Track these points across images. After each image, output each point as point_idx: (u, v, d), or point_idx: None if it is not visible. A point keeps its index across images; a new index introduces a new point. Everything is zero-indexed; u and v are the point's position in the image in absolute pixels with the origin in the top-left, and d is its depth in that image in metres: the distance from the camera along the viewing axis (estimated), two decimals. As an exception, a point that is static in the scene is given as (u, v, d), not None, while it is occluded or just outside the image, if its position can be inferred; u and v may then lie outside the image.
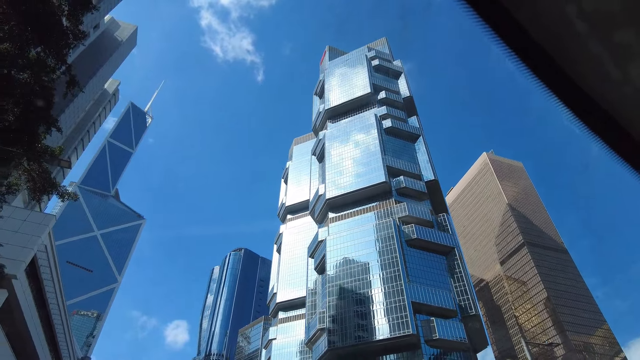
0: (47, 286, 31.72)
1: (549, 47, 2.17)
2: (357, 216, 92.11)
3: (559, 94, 2.33)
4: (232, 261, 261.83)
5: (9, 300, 27.24)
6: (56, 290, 33.34)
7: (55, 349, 39.76)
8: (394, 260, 76.50)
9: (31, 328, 30.97)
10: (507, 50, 2.26)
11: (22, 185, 14.58)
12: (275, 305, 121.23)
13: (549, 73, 2.26)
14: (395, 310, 69.54)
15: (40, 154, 13.39)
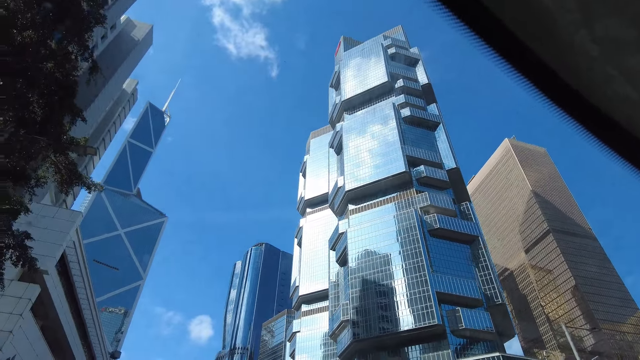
0: (77, 282, 32.21)
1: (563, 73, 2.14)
2: (378, 207, 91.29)
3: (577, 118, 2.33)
4: (253, 256, 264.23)
5: (41, 295, 27.68)
6: (85, 286, 33.86)
7: (87, 344, 40.52)
8: (417, 251, 75.55)
9: (64, 323, 31.51)
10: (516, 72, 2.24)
11: (50, 177, 14.53)
12: (298, 298, 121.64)
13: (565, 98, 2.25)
14: (419, 301, 68.77)
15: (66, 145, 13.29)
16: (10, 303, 24.54)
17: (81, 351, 39.72)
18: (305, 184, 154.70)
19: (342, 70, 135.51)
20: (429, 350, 66.85)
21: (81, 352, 39.69)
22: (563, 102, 2.26)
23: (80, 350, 38.76)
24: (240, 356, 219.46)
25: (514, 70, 2.21)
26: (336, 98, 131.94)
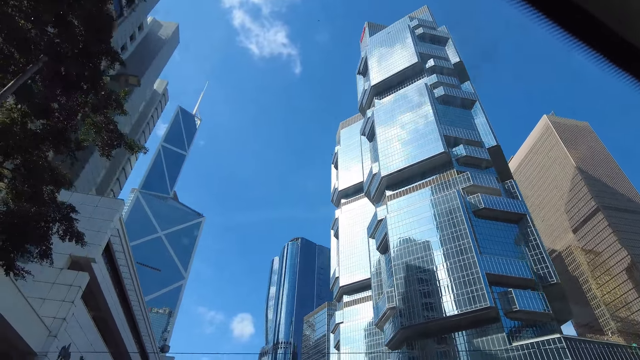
0: (124, 272, 31.92)
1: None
2: (417, 191, 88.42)
3: None
4: (290, 251, 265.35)
5: (90, 285, 27.33)
6: (132, 276, 33.56)
7: (137, 336, 40.52)
8: (462, 233, 72.43)
9: (114, 313, 31.26)
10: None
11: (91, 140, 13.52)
12: (339, 289, 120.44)
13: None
14: (467, 284, 65.82)
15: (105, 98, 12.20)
16: (62, 291, 24.20)
17: (132, 342, 39.73)
18: (338, 174, 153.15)
19: (369, 56, 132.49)
20: (480, 334, 63.90)
21: (132, 343, 39.71)
22: (618, 57, 2.05)
23: (131, 341, 38.73)
24: (283, 351, 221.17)
25: (563, 28, 2.05)
26: (365, 84, 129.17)
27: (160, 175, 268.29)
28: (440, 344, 67.09)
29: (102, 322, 32.22)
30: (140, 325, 40.71)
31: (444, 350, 65.65)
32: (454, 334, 66.29)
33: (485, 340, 62.01)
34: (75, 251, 26.45)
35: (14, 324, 19.72)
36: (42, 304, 23.39)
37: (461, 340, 64.92)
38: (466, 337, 64.58)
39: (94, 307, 30.39)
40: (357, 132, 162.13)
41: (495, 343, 60.76)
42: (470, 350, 62.95)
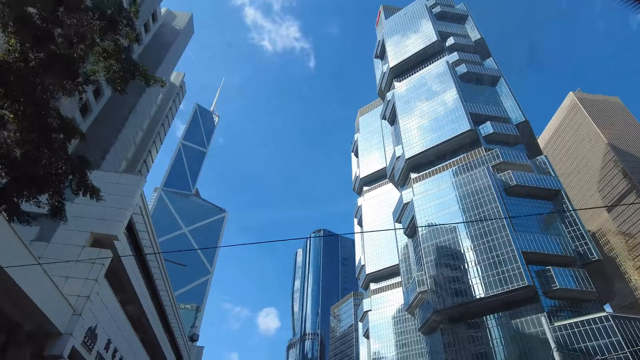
0: (147, 250, 30.68)
1: None
2: (443, 172, 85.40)
3: None
4: (313, 243, 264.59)
5: (114, 264, 26.13)
6: (157, 258, 32.38)
7: (166, 322, 39.53)
8: (495, 211, 69.36)
9: (141, 297, 30.11)
10: None
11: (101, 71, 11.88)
12: (366, 277, 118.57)
13: None
14: (502, 263, 62.90)
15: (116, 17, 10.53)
16: (85, 269, 23.01)
17: (160, 329, 38.79)
18: (359, 162, 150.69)
19: (386, 38, 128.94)
20: (517, 316, 60.93)
21: (161, 329, 38.77)
22: None
23: (160, 328, 37.76)
24: (311, 342, 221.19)
25: None
26: (383, 67, 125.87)
27: (182, 173, 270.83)
28: (475, 327, 64.48)
29: (129, 307, 31.17)
30: (168, 311, 39.71)
31: (478, 334, 63.02)
32: (488, 317, 63.58)
33: (525, 321, 59.09)
34: (96, 228, 25.30)
35: (38, 303, 18.54)
36: (65, 282, 22.24)
37: (496, 323, 62.15)
38: (502, 319, 61.79)
39: (120, 290, 29.28)
40: (376, 119, 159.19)
41: (536, 324, 57.80)
42: (506, 332, 60.23)
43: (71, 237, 24.32)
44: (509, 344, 59.26)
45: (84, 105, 53.52)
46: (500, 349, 59.54)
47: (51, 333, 20.46)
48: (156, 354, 40.47)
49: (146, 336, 36.90)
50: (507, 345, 59.38)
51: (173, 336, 44.64)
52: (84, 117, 54.17)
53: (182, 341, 49.13)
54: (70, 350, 21.08)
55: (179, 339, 46.99)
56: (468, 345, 62.33)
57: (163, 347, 39.50)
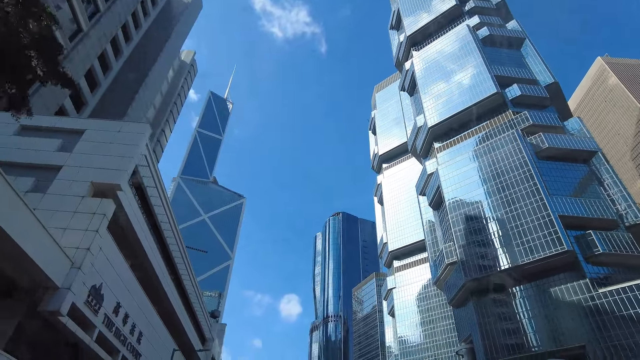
0: (155, 204, 28.08)
1: None
2: (469, 139, 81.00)
3: None
4: (332, 226, 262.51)
5: (119, 220, 23.65)
6: (167, 214, 29.80)
7: (181, 288, 37.30)
8: (527, 175, 65.05)
9: (153, 261, 27.70)
10: None
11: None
12: (389, 255, 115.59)
13: None
14: (539, 229, 58.84)
15: None
16: (84, 220, 20.51)
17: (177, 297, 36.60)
18: (377, 140, 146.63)
19: (401, 7, 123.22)
20: (556, 283, 56.92)
21: (177, 298, 36.59)
22: None
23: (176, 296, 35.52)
24: (334, 324, 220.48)
25: None
26: (399, 37, 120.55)
27: (199, 161, 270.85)
28: (508, 297, 60.74)
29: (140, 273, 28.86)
30: (185, 281, 37.47)
31: (512, 303, 59.33)
32: (522, 286, 59.74)
33: (566, 289, 55.15)
34: (97, 178, 22.72)
35: (32, 255, 16.06)
36: (62, 234, 19.75)
37: (532, 292, 58.31)
38: (536, 288, 57.89)
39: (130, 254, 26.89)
40: (393, 94, 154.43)
41: (577, 290, 53.87)
42: (541, 301, 56.44)
43: (69, 188, 21.80)
44: (545, 313, 55.53)
45: (92, 79, 51.30)
46: (536, 319, 55.86)
47: (48, 288, 18.07)
48: (174, 326, 38.45)
49: (162, 307, 34.77)
50: (542, 314, 55.67)
51: (192, 309, 42.62)
52: (93, 92, 52.02)
53: (202, 315, 47.20)
54: (71, 307, 18.66)
55: (198, 312, 45.00)
56: (501, 316, 58.85)
57: (181, 318, 37.41)
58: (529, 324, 56.42)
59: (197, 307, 45.05)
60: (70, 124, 25.75)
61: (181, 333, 40.11)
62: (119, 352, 24.70)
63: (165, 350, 34.59)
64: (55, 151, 23.85)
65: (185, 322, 39.60)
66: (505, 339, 56.63)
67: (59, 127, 25.37)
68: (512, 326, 57.67)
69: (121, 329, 24.58)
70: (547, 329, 54.47)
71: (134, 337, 26.64)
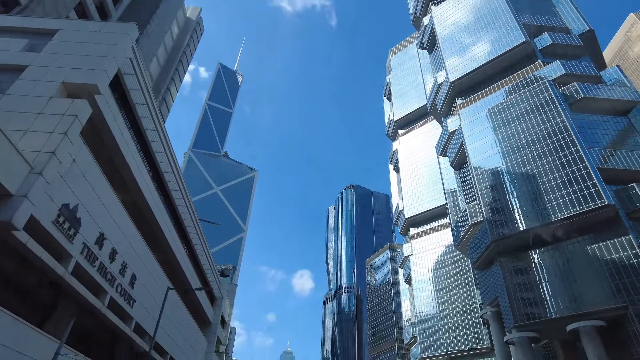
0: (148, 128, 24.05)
1: None
2: (494, 93, 75.14)
3: None
4: (345, 198, 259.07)
5: (95, 124, 19.56)
6: (161, 136, 25.69)
7: (182, 232, 33.64)
8: (560, 127, 59.57)
9: (139, 180, 23.77)
10: None
11: None
12: (405, 222, 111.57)
13: None
14: (574, 182, 53.76)
15: None
16: (50, 121, 16.54)
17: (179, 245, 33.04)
18: (392, 105, 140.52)
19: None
20: (594, 240, 52.01)
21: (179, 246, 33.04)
22: None
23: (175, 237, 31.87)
24: (347, 295, 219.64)
25: None
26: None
27: (209, 134, 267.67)
28: (540, 254, 56.09)
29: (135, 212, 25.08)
30: (188, 227, 33.80)
31: (543, 263, 54.85)
32: (554, 245, 55.06)
33: (605, 247, 50.45)
34: (70, 78, 18.60)
35: None
36: (22, 137, 15.79)
37: (567, 250, 53.65)
38: (581, 244, 53.18)
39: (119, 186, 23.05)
40: (409, 57, 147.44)
41: (619, 248, 49.15)
42: (577, 259, 51.87)
43: (34, 88, 17.69)
44: (579, 273, 51.04)
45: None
46: (568, 278, 51.40)
47: (0, 196, 14.29)
48: (178, 279, 35.09)
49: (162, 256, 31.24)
50: (576, 273, 51.19)
51: (198, 262, 39.20)
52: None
53: (210, 271, 43.91)
54: (31, 222, 14.82)
55: (205, 267, 41.64)
56: (530, 276, 54.53)
57: (185, 269, 33.95)
58: (561, 284, 52.04)
59: (205, 261, 41.69)
60: (40, 23, 21.51)
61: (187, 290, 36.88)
62: (106, 292, 21.17)
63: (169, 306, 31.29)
64: (20, 51, 19.74)
65: (191, 275, 36.22)
66: (535, 300, 52.49)
67: (27, 28, 21.20)
68: (541, 287, 53.42)
69: (107, 265, 20.95)
70: (581, 289, 50.09)
71: (125, 278, 23.08)
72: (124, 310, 23.26)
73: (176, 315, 33.61)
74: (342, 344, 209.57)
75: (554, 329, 51.59)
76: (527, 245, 56.63)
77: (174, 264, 33.39)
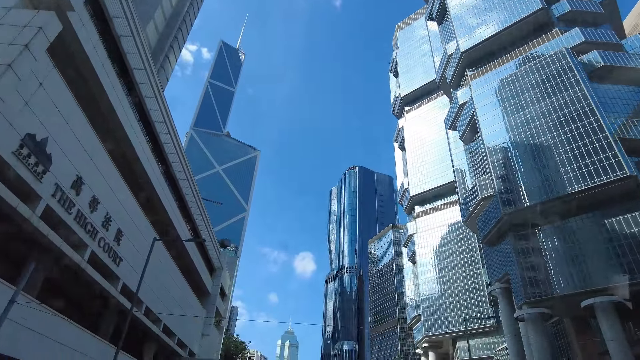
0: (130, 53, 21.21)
1: None
2: (507, 63, 71.63)
3: None
4: (348, 179, 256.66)
5: (67, 44, 16.83)
6: (146, 69, 22.87)
7: (174, 184, 31.21)
8: (579, 95, 56.36)
9: (122, 118, 21.12)
10: None
11: None
12: (410, 200, 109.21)
13: None
14: (592, 153, 50.90)
15: None
16: (8, 33, 13.82)
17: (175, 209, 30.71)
18: (399, 81, 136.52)
19: None
20: (611, 214, 49.43)
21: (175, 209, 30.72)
22: None
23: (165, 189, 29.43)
24: (349, 275, 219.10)
25: None
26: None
27: (211, 113, 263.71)
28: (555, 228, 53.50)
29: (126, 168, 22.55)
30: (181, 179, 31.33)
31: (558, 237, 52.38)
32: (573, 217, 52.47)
33: (619, 221, 47.88)
34: (34, -11, 15.78)
35: None
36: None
37: (583, 224, 51.11)
38: (591, 219, 50.66)
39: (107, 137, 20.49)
40: (417, 31, 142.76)
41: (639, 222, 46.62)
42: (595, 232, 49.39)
43: (-10, -2, 14.95)
44: (597, 247, 48.62)
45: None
46: (585, 252, 48.98)
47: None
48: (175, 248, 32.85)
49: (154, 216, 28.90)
50: (593, 247, 48.77)
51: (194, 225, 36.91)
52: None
53: (209, 239, 41.72)
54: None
55: (203, 232, 39.39)
56: (544, 250, 52.15)
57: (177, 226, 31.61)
58: (574, 259, 49.66)
59: (203, 227, 39.44)
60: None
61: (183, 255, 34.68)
62: (86, 246, 18.79)
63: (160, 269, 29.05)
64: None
65: (180, 224, 33.73)
66: (548, 276, 50.23)
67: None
68: (554, 262, 51.08)
69: (87, 215, 18.51)
70: (596, 264, 47.70)
71: (109, 232, 20.69)
72: (109, 269, 20.97)
73: (171, 282, 31.48)
74: (344, 324, 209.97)
75: (566, 305, 49.46)
76: (539, 220, 54.14)
77: (169, 228, 31.09)
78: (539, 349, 47.98)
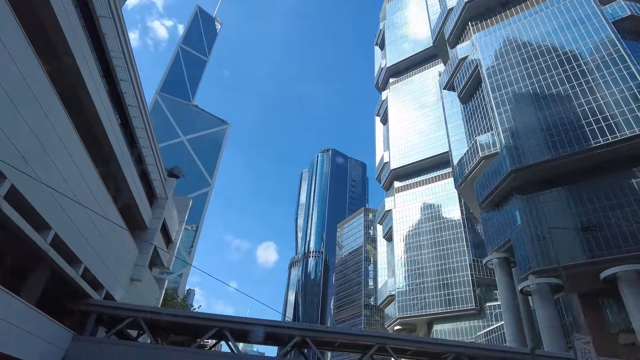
0: None
1: None
2: (517, 15, 63.76)
3: None
4: (320, 162, 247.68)
5: None
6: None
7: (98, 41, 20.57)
8: (606, 42, 49.07)
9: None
10: None
11: None
12: (390, 174, 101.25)
13: None
14: (622, 103, 43.60)
15: None
16: None
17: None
18: (386, 52, 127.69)
19: None
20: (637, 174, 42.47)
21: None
22: None
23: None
24: (315, 260, 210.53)
25: None
26: None
27: (180, 80, 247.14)
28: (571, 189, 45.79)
29: None
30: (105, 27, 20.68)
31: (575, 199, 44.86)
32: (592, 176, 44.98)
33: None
34: None
35: None
36: None
37: (603, 184, 43.70)
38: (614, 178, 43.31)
39: None
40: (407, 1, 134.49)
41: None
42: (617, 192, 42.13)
43: None
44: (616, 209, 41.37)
45: None
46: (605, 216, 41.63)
47: None
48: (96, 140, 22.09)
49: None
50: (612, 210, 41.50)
51: (132, 132, 26.26)
52: None
53: (151, 155, 31.12)
54: None
55: (144, 146, 28.76)
56: (559, 213, 44.55)
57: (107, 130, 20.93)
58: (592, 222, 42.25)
59: (145, 144, 28.90)
60: None
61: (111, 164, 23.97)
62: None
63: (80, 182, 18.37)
64: None
65: (122, 153, 23.26)
66: (562, 241, 42.57)
67: None
68: (570, 225, 43.47)
69: None
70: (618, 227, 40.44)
71: None
72: None
73: (91, 200, 20.72)
74: (305, 309, 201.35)
75: (580, 277, 42.03)
76: (552, 178, 46.54)
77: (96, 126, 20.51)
78: (548, 325, 40.26)
